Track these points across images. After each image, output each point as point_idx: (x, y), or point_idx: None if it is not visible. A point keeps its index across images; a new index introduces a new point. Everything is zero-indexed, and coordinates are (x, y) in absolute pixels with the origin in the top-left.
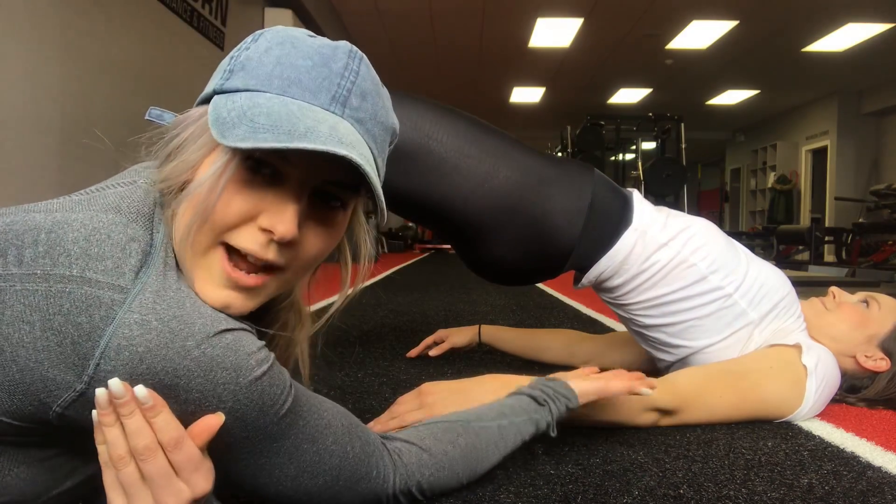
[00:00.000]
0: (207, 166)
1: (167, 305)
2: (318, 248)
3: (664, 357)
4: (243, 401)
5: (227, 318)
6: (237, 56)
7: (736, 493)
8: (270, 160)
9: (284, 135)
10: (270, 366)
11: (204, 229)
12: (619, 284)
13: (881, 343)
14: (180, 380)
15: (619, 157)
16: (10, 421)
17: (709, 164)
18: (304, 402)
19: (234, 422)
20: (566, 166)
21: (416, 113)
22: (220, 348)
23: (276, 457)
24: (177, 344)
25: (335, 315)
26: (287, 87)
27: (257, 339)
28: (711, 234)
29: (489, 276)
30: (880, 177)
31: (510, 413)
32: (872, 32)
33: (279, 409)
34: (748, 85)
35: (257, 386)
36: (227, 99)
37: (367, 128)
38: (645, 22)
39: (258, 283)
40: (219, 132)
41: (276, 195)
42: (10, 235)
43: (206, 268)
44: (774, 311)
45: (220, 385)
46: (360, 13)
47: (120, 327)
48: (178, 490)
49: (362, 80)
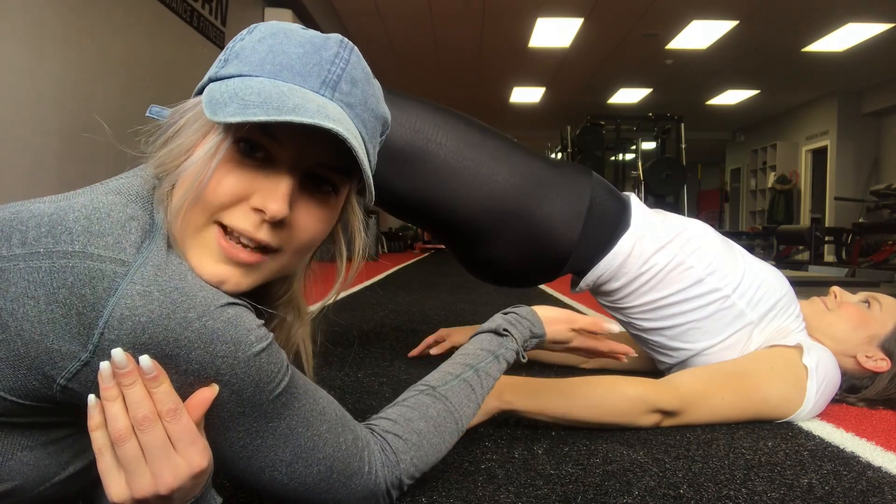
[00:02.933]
0: (201, 148)
1: (169, 278)
2: (312, 231)
3: (665, 360)
4: (241, 375)
5: (228, 295)
6: (232, 46)
7: (736, 493)
8: (262, 142)
9: (273, 110)
10: (269, 343)
11: (197, 209)
12: (618, 288)
13: (882, 343)
14: (181, 350)
15: (619, 158)
16: (14, 399)
17: (709, 164)
18: (301, 385)
19: (230, 395)
20: (565, 169)
21: (416, 115)
22: (221, 322)
23: (272, 437)
24: (178, 315)
25: (332, 303)
26: (278, 72)
27: (256, 318)
28: (708, 235)
29: (487, 278)
30: (880, 177)
31: (474, 361)
32: (872, 32)
33: (275, 387)
34: (748, 85)
35: (255, 361)
36: (221, 84)
37: (357, 112)
38: (645, 22)
39: (254, 260)
40: (210, 111)
41: (267, 176)
42: (15, 222)
43: (202, 244)
44: (773, 311)
45: (218, 357)
46: (360, 13)
47: (123, 298)
48: (176, 464)
49: (353, 68)
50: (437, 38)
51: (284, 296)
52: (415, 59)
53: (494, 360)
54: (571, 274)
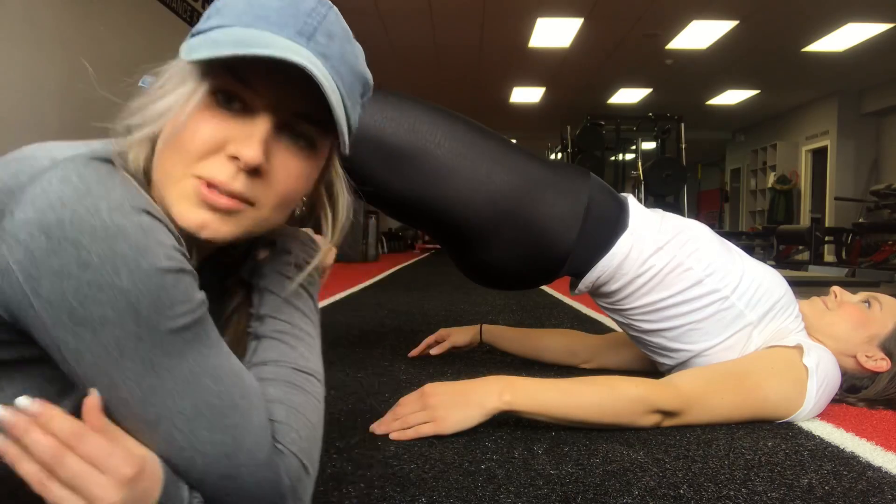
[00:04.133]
0: (174, 94)
1: (95, 172)
2: (290, 185)
3: (664, 361)
4: (139, 286)
5: (156, 218)
6: (215, 3)
7: (736, 493)
8: (238, 92)
9: (242, 46)
10: (181, 270)
11: (175, 159)
12: (617, 289)
13: (882, 343)
14: (83, 237)
15: (619, 158)
16: None
17: (709, 164)
18: (215, 338)
19: (126, 308)
20: (563, 170)
21: (414, 115)
22: (132, 224)
23: (170, 379)
24: (89, 201)
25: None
26: (254, 21)
27: (190, 266)
28: (705, 236)
29: (484, 280)
30: (880, 177)
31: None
32: (872, 32)
33: (178, 318)
34: (748, 85)
35: (158, 278)
36: (201, 35)
37: (333, 65)
38: (645, 22)
39: (233, 206)
40: (185, 55)
41: (244, 125)
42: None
43: (181, 192)
44: (772, 311)
45: (119, 257)
46: (360, 13)
47: (42, 182)
48: (101, 483)
49: (330, 23)
50: (437, 38)
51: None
52: (415, 59)
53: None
54: (570, 276)
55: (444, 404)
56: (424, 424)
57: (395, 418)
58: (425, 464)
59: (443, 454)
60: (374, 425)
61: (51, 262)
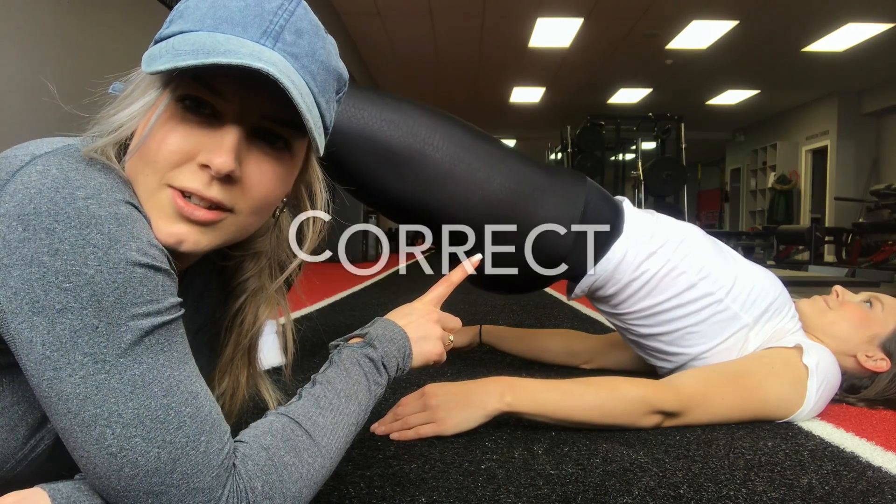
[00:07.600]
0: (137, 102)
1: (74, 163)
2: (265, 189)
3: (663, 365)
4: (106, 276)
5: (138, 210)
6: (178, 7)
7: (736, 493)
8: (205, 98)
9: (203, 55)
10: (154, 267)
11: (146, 170)
12: (613, 294)
13: (883, 343)
14: (57, 224)
15: (619, 157)
16: None
17: (709, 164)
18: (181, 352)
19: (88, 298)
20: (560, 175)
21: (412, 118)
22: (108, 214)
23: (118, 379)
24: (66, 190)
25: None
26: (218, 25)
27: (167, 266)
28: (699, 239)
29: (481, 284)
30: (880, 177)
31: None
32: (872, 32)
33: (141, 319)
34: (748, 85)
35: (127, 271)
36: (163, 42)
37: (304, 63)
38: (645, 22)
39: (211, 218)
40: (146, 65)
41: (214, 132)
42: None
43: (157, 206)
44: (768, 313)
45: (89, 245)
46: (360, 13)
47: (22, 175)
48: None
49: (298, 19)
50: (437, 38)
51: (254, 267)
52: (415, 59)
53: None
54: (567, 280)
55: (444, 405)
56: (425, 425)
57: (395, 419)
58: (425, 464)
59: (443, 454)
60: (375, 425)
61: (23, 251)
